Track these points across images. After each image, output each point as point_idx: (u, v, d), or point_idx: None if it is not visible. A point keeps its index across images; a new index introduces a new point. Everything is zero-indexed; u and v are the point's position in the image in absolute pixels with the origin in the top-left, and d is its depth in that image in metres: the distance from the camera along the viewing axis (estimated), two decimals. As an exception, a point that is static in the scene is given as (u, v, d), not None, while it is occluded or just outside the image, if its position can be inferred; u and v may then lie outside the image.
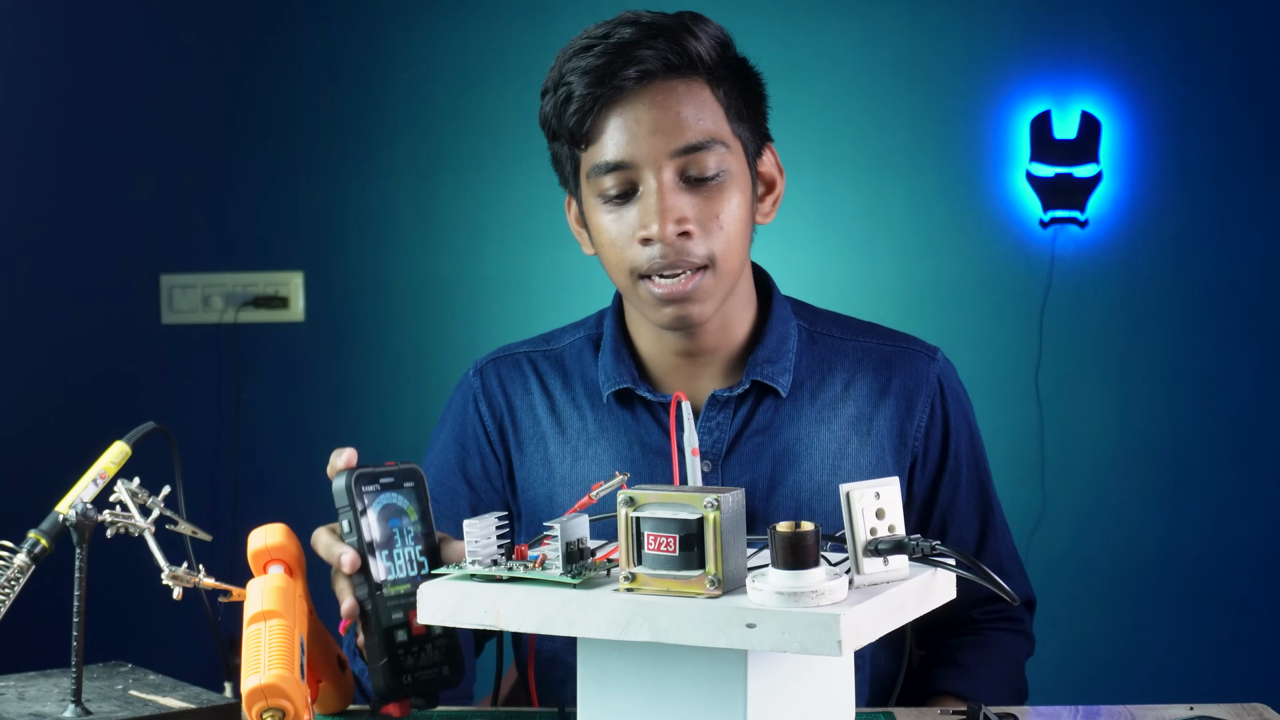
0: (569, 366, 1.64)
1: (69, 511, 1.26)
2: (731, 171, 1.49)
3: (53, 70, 3.57)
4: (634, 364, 1.60)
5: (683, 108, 1.47)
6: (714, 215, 1.48)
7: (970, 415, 1.67)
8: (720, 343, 1.58)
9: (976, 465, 1.65)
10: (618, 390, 1.59)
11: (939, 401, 1.61)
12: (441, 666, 1.32)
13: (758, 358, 1.57)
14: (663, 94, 1.47)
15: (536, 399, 1.64)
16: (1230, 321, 3.37)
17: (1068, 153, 3.35)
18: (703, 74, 1.49)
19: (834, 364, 1.61)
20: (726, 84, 1.51)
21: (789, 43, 3.39)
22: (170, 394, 3.55)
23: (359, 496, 1.29)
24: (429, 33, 3.50)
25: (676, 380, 1.59)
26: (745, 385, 1.56)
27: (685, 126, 1.46)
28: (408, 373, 3.51)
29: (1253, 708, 1.36)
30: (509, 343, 1.71)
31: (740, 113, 1.52)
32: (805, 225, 3.38)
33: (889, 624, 1.09)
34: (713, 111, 1.49)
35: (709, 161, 1.47)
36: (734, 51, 1.54)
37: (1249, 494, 3.37)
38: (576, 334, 1.67)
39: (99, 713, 1.25)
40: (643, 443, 1.58)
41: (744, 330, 1.59)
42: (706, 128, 1.47)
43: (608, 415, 1.60)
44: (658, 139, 1.46)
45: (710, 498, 1.06)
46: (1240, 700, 1.38)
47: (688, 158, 1.47)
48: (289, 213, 3.54)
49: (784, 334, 1.60)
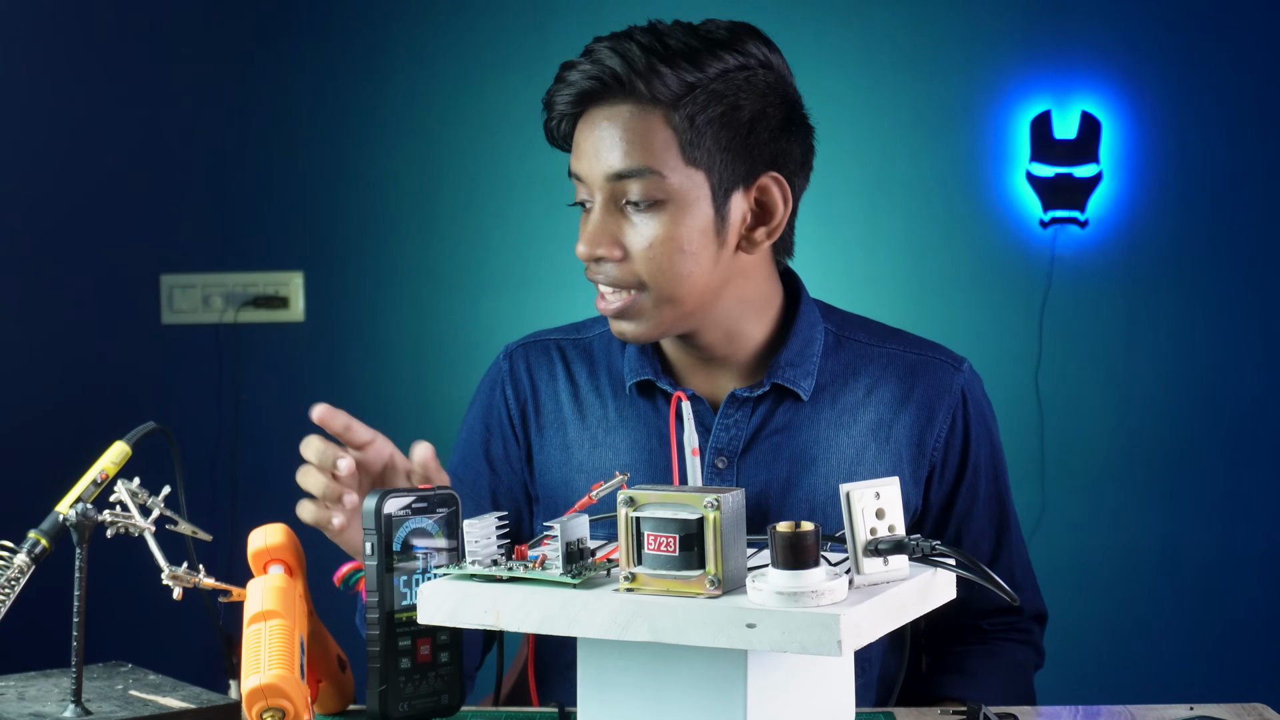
0: (596, 355, 1.67)
1: (69, 512, 1.26)
2: (670, 199, 1.49)
3: (53, 70, 3.57)
4: (658, 358, 1.62)
5: (623, 134, 1.49)
6: (644, 241, 1.50)
7: (993, 428, 1.67)
8: (730, 350, 1.59)
9: (995, 478, 1.66)
10: (640, 381, 1.61)
11: (960, 413, 1.62)
12: (441, 695, 1.31)
13: (780, 360, 1.58)
14: (608, 118, 1.50)
15: (561, 385, 1.66)
16: (1230, 321, 3.37)
17: (1068, 153, 3.35)
18: (660, 104, 1.48)
19: (858, 369, 1.62)
20: (698, 114, 1.49)
21: (789, 43, 3.37)
22: (170, 394, 3.55)
23: (386, 520, 1.28)
24: (429, 33, 3.50)
25: (696, 378, 1.61)
26: (765, 387, 1.58)
27: (620, 153, 1.49)
28: (407, 373, 3.52)
29: (1253, 708, 1.36)
30: (542, 329, 1.74)
31: (714, 142, 1.50)
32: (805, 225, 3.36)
33: (889, 624, 1.09)
34: (661, 141, 1.48)
35: (635, 189, 1.49)
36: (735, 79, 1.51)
37: (1249, 494, 3.37)
38: (605, 324, 1.68)
39: (99, 713, 1.25)
40: (660, 434, 1.60)
41: (760, 335, 1.60)
42: (640, 157, 1.49)
43: (629, 405, 1.62)
44: (596, 161, 1.50)
45: (710, 498, 1.06)
46: (1240, 700, 1.38)
47: (617, 183, 1.50)
48: (289, 213, 3.54)
49: (809, 338, 1.61)
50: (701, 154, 1.50)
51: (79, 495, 1.27)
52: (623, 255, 1.50)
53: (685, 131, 1.49)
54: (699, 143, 1.50)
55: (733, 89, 1.51)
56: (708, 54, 1.50)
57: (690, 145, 1.49)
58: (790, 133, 1.57)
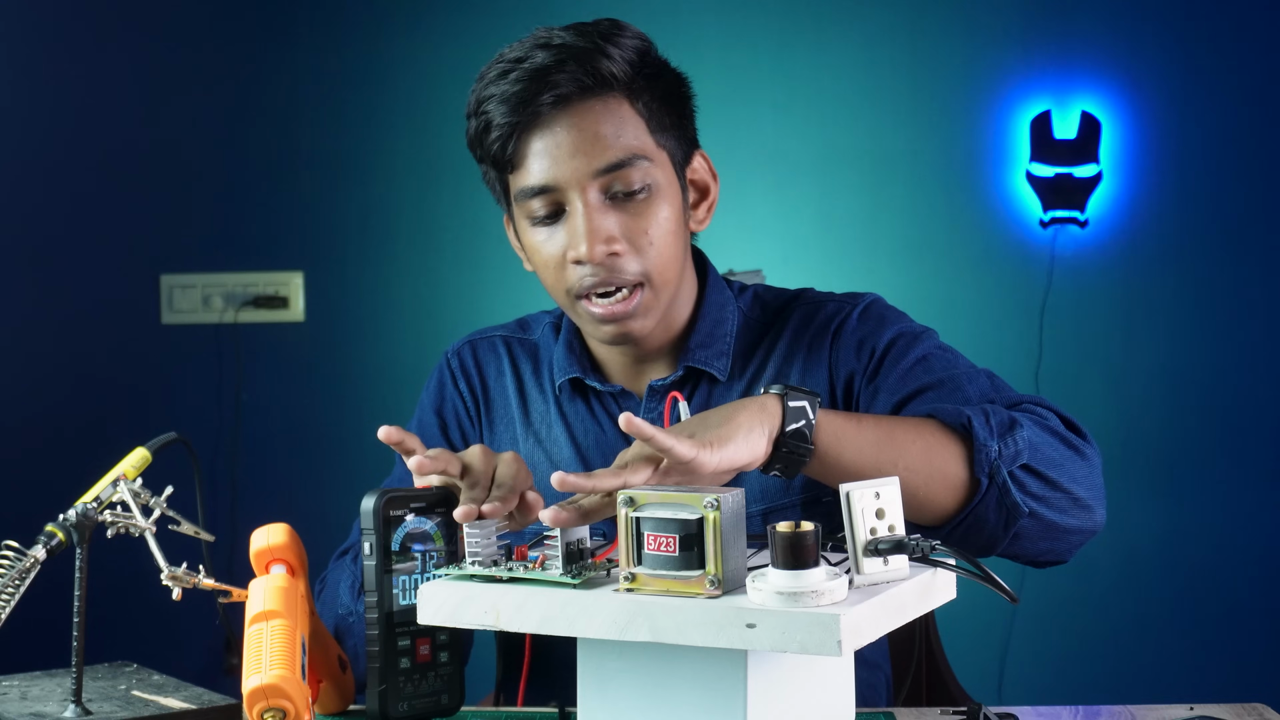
0: (540, 354, 1.66)
1: (69, 512, 1.26)
2: (658, 184, 1.48)
3: (53, 71, 3.57)
4: (585, 355, 1.60)
5: (601, 127, 1.46)
6: (643, 231, 1.47)
7: (894, 326, 1.54)
8: (664, 340, 1.57)
9: (905, 351, 1.51)
10: (571, 379, 1.60)
11: (841, 333, 1.54)
12: (441, 695, 1.31)
13: (691, 344, 1.56)
14: (580, 115, 1.46)
15: (508, 380, 1.66)
16: (1230, 321, 3.37)
17: (1068, 153, 3.35)
18: (619, 90, 1.48)
19: (764, 339, 1.58)
20: (646, 95, 1.49)
21: (789, 44, 3.39)
22: (170, 394, 3.55)
23: (385, 520, 1.28)
24: (429, 33, 3.50)
25: (624, 374, 1.59)
26: (680, 372, 1.56)
27: (605, 145, 1.46)
28: (407, 373, 3.51)
29: (1253, 708, 1.37)
30: (485, 327, 1.74)
31: (663, 122, 1.51)
32: (805, 225, 3.38)
33: (889, 624, 1.09)
34: (634, 126, 1.48)
35: (633, 177, 1.47)
36: (654, 58, 1.52)
37: (1249, 494, 3.37)
38: (544, 321, 1.69)
39: (99, 713, 1.25)
40: (596, 434, 1.59)
41: (682, 320, 1.58)
42: (627, 144, 1.47)
43: (567, 403, 1.61)
44: (579, 160, 1.46)
45: (710, 498, 1.06)
46: (1240, 700, 1.38)
47: (611, 176, 1.47)
48: (289, 213, 3.54)
49: (719, 318, 1.58)
50: (662, 135, 1.50)
51: (96, 495, 1.28)
52: (623, 250, 1.48)
53: (646, 113, 1.49)
54: (658, 123, 1.50)
55: (656, 67, 1.52)
56: (620, 39, 1.49)
57: (654, 127, 1.49)
58: (693, 111, 1.56)
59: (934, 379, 1.47)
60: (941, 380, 1.46)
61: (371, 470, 2.22)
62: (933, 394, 1.45)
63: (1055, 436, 1.39)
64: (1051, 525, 1.38)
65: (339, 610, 1.51)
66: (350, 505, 1.37)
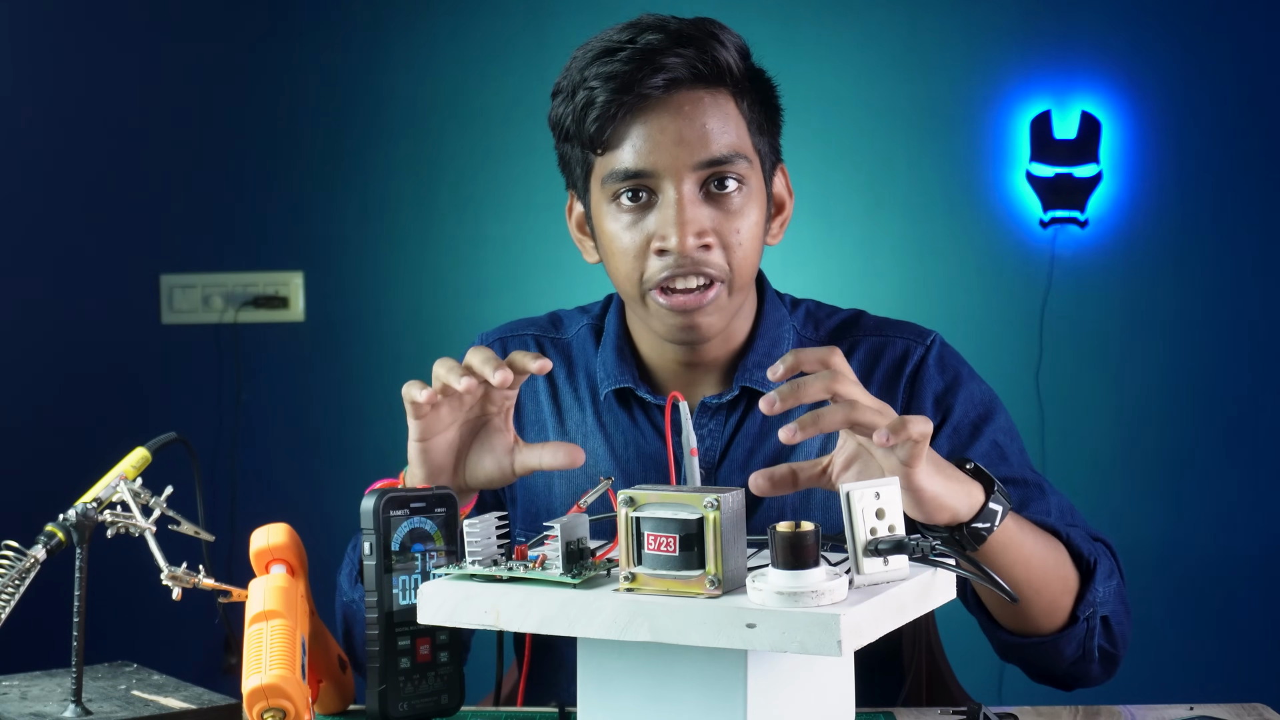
0: (575, 357, 1.63)
1: (69, 512, 1.26)
2: (751, 187, 1.47)
3: (53, 71, 3.57)
4: (635, 364, 1.58)
5: (709, 119, 1.44)
6: (734, 229, 1.45)
7: (972, 387, 1.56)
8: (721, 353, 1.55)
9: (979, 428, 1.54)
10: (617, 389, 1.57)
11: (918, 381, 1.55)
12: (441, 695, 1.31)
13: (747, 363, 1.55)
14: (689, 104, 1.44)
15: (540, 384, 1.62)
16: (1230, 321, 3.37)
17: (1068, 153, 3.35)
18: (728, 85, 1.46)
19: None
20: (750, 97, 1.48)
21: (789, 42, 3.39)
22: (170, 394, 3.55)
23: (385, 520, 1.28)
24: (429, 33, 3.50)
25: (676, 385, 1.56)
26: (735, 392, 1.54)
27: (711, 139, 1.44)
28: (407, 373, 3.47)
29: (1253, 708, 1.37)
30: (516, 320, 1.69)
31: (761, 127, 1.50)
32: (805, 225, 3.37)
33: (889, 624, 1.09)
34: (737, 124, 1.46)
35: (731, 176, 1.45)
36: (753, 63, 1.51)
37: (1249, 494, 3.37)
38: (581, 321, 1.65)
39: (99, 713, 1.25)
40: (639, 444, 1.57)
41: (741, 336, 1.56)
42: (731, 141, 1.45)
43: (606, 412, 1.58)
44: (682, 150, 1.43)
45: (710, 498, 1.06)
46: (1240, 700, 1.38)
47: (711, 170, 1.44)
48: (289, 213, 3.54)
49: (776, 338, 1.57)
50: (759, 140, 1.49)
51: (96, 495, 1.28)
52: (713, 244, 1.46)
53: (748, 115, 1.48)
54: (757, 127, 1.49)
55: (758, 71, 1.51)
56: (729, 36, 1.48)
57: (754, 130, 1.48)
58: (781, 123, 1.56)
59: (1016, 475, 1.49)
60: (1026, 481, 1.50)
61: (372, 470, 2.22)
62: (1016, 490, 1.46)
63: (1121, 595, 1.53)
64: (1096, 677, 1.55)
65: (341, 599, 1.52)
66: (350, 505, 1.37)
